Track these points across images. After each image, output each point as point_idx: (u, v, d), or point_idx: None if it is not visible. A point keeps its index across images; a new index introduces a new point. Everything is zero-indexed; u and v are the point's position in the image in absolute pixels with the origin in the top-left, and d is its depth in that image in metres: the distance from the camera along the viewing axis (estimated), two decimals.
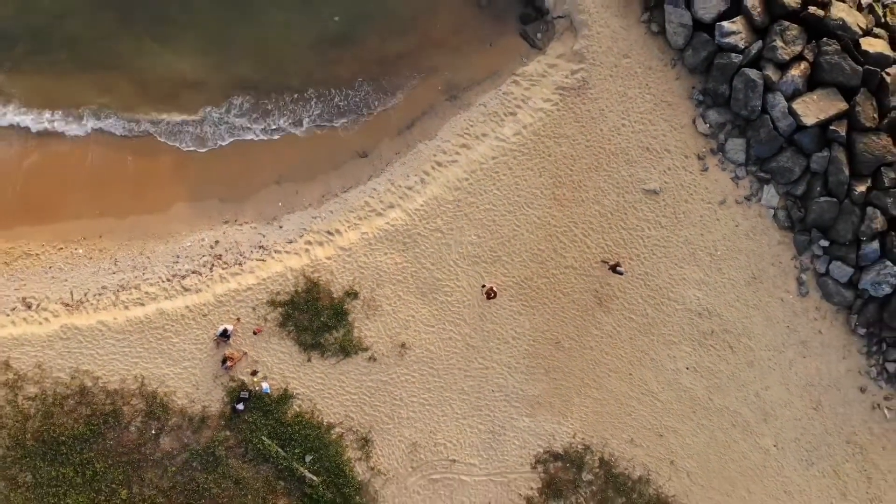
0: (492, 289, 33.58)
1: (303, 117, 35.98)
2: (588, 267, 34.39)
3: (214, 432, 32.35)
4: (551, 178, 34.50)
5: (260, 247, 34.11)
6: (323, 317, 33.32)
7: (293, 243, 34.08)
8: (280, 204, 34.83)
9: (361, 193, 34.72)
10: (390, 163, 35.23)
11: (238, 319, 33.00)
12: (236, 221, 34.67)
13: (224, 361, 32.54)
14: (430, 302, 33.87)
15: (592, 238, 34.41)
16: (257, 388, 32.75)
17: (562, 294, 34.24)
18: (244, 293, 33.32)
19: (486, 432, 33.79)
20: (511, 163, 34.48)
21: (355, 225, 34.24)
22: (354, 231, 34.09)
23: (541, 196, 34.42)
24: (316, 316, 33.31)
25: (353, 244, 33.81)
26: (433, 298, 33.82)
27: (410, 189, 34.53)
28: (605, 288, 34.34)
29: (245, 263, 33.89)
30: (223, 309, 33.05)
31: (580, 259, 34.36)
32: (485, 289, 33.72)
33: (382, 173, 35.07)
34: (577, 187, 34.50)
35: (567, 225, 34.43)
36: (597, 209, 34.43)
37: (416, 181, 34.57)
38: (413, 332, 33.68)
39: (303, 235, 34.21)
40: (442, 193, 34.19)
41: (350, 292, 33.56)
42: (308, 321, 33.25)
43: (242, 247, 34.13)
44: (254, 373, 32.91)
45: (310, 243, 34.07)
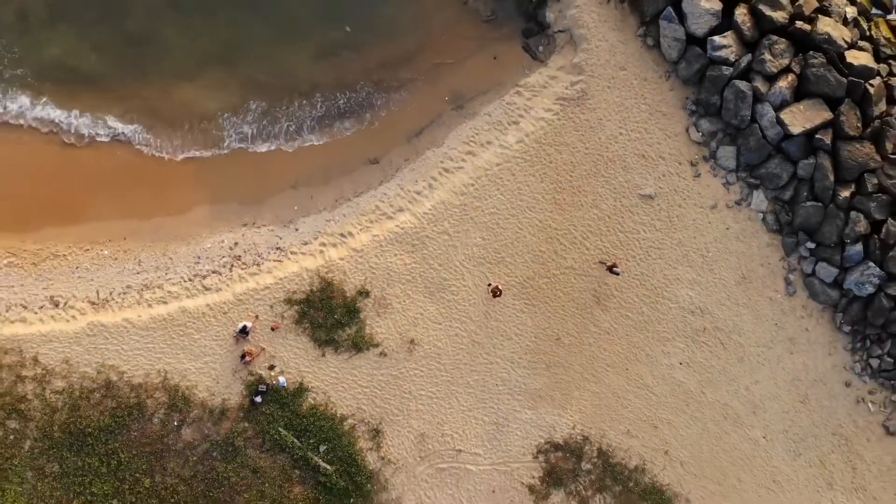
0: (497, 287, 33.42)
1: (315, 125, 35.64)
2: (587, 267, 34.30)
3: (234, 424, 32.41)
4: (552, 184, 34.45)
5: (277, 248, 33.98)
6: (336, 314, 33.27)
7: (308, 245, 33.99)
8: (296, 208, 34.69)
9: (372, 198, 34.60)
10: (400, 169, 35.06)
11: (256, 317, 32.92)
12: (254, 224, 34.53)
13: (243, 357, 32.52)
14: (438, 300, 33.79)
15: (591, 240, 34.41)
16: (274, 382, 32.70)
17: (562, 293, 34.24)
18: (262, 292, 33.22)
19: (491, 424, 33.70)
20: (514, 169, 34.46)
21: (367, 228, 34.11)
22: (366, 233, 33.97)
23: (542, 200, 34.41)
24: (330, 314, 33.23)
25: (365, 246, 33.75)
26: (440, 297, 33.80)
27: (419, 194, 34.40)
28: (603, 287, 34.29)
29: (263, 264, 33.73)
30: (242, 307, 32.97)
31: (579, 260, 34.28)
32: (490, 287, 33.52)
33: (392, 179, 34.92)
34: (577, 192, 34.47)
35: (567, 228, 34.42)
36: (595, 213, 34.41)
37: (425, 186, 34.45)
38: (421, 329, 33.62)
39: (317, 237, 34.09)
40: (449, 198, 34.18)
41: (362, 291, 33.52)
42: (322, 318, 33.18)
43: (260, 248, 33.97)
44: (271, 367, 32.84)
45: (324, 245, 33.98)
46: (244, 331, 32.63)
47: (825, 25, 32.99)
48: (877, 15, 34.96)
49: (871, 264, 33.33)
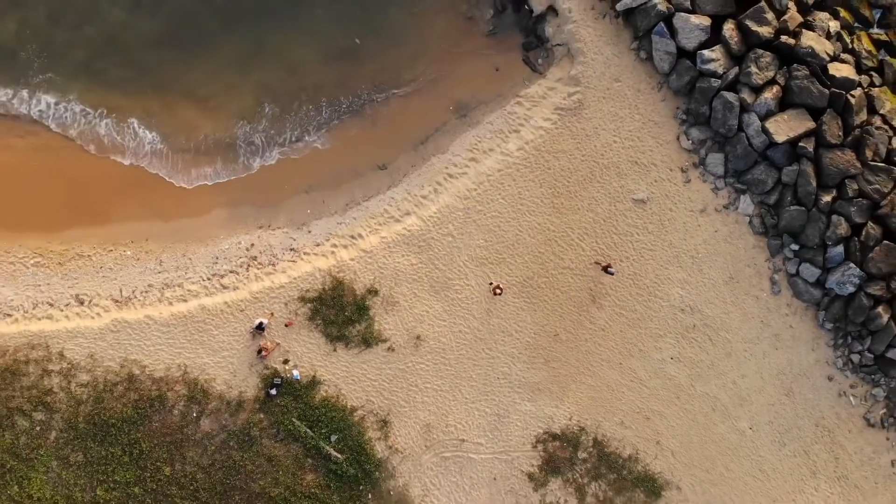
0: (498, 286, 33.92)
1: (325, 131, 36.07)
2: (583, 268, 34.74)
3: (250, 415, 32.95)
4: (550, 189, 34.95)
5: (291, 249, 34.54)
6: (347, 312, 33.83)
7: (320, 246, 34.53)
8: (309, 211, 35.27)
9: (381, 202, 35.11)
10: (407, 174, 35.58)
11: (272, 314, 33.51)
12: (269, 226, 35.08)
13: (259, 351, 33.09)
14: (443, 299, 34.30)
15: (587, 242, 34.89)
16: (289, 376, 33.26)
17: (560, 292, 34.71)
18: (277, 290, 33.78)
19: (492, 415, 34.09)
20: (515, 175, 34.97)
21: (376, 230, 34.63)
22: (375, 235, 34.50)
23: (541, 204, 34.89)
24: (341, 311, 33.80)
25: (374, 247, 34.29)
26: (445, 295, 34.33)
27: (425, 198, 34.93)
28: (599, 286, 34.75)
29: (278, 264, 34.25)
30: (258, 304, 33.54)
31: (576, 260, 34.72)
32: (492, 286, 33.98)
33: (400, 184, 35.41)
34: (574, 197, 34.96)
35: (564, 230, 34.89)
36: (591, 216, 34.91)
37: (430, 191, 34.99)
38: (427, 326, 34.17)
39: (329, 239, 34.61)
40: (453, 202, 34.74)
41: (371, 290, 34.05)
42: (334, 315, 33.76)
43: (275, 249, 34.52)
44: (285, 361, 33.44)
45: (335, 246, 34.50)
46: (260, 327, 33.19)
47: (809, 39, 33.63)
48: (859, 28, 35.35)
49: (852, 265, 33.83)
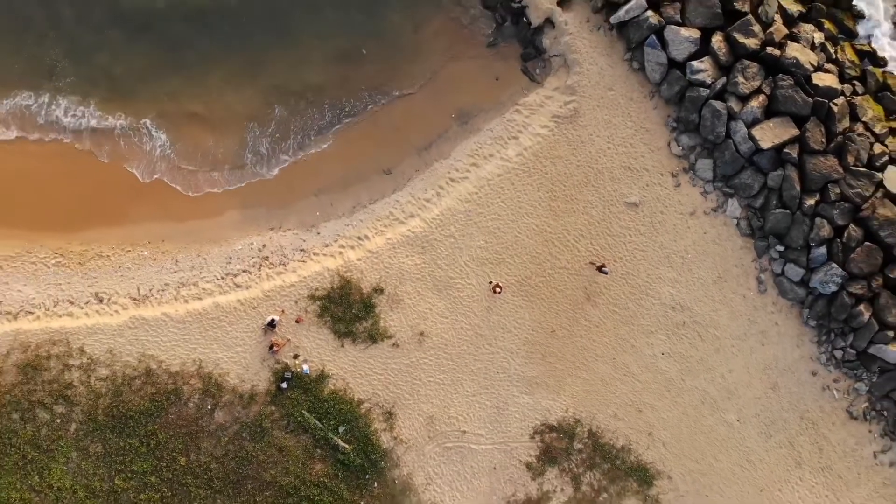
0: (498, 285, 34.59)
1: (331, 136, 36.18)
2: (578, 267, 35.34)
3: (262, 407, 33.67)
4: (548, 193, 35.53)
5: (301, 250, 35.16)
6: (354, 309, 34.53)
7: (329, 247, 35.14)
8: (318, 213, 35.88)
9: (386, 205, 35.68)
10: (411, 178, 36.11)
11: (283, 311, 34.20)
12: (280, 228, 35.64)
13: (271, 347, 33.86)
14: (445, 297, 34.93)
15: (582, 243, 35.50)
16: (299, 370, 33.96)
17: (556, 290, 35.35)
18: (288, 289, 34.45)
19: (492, 407, 34.68)
20: (514, 179, 35.56)
21: (381, 231, 35.22)
22: (381, 237, 35.10)
23: (539, 207, 35.46)
24: (348, 308, 34.49)
25: (380, 248, 34.91)
26: (447, 294, 34.98)
27: (428, 201, 35.51)
28: (593, 285, 35.35)
29: (288, 264, 34.87)
30: (270, 302, 34.22)
31: (572, 261, 35.32)
32: (492, 285, 34.63)
33: (404, 187, 35.93)
34: (570, 200, 35.54)
35: (561, 232, 35.47)
36: (586, 219, 35.51)
37: (433, 194, 35.56)
38: (430, 323, 34.83)
39: (337, 240, 35.22)
40: (455, 205, 35.33)
41: (377, 288, 34.72)
42: (342, 313, 34.48)
43: (286, 250, 35.13)
44: (296, 356, 34.13)
45: (343, 247, 35.13)
46: (272, 324, 33.97)
47: (793, 51, 34.32)
48: (843, 39, 36.03)
49: (834, 265, 34.48)
